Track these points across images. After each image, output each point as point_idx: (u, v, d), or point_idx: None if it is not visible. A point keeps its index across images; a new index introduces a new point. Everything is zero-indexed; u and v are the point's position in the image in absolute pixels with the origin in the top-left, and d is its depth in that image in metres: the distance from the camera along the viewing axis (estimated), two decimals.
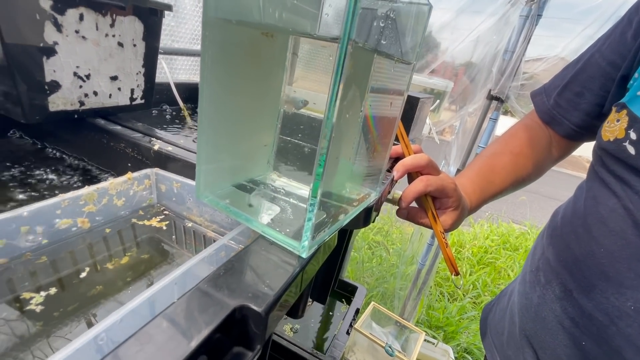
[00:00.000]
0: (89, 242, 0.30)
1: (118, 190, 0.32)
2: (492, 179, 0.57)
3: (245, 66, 0.24)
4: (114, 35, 0.39)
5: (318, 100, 0.27)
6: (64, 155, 0.43)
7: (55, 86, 0.36)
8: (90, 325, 0.23)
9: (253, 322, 0.17)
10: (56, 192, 0.36)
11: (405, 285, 1.85)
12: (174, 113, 0.61)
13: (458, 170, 1.32)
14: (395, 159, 0.48)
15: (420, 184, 0.45)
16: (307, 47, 0.26)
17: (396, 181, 0.47)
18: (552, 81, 0.54)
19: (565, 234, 0.47)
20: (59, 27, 0.34)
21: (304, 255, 0.22)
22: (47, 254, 0.27)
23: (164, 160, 0.37)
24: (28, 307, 0.23)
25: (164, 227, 0.34)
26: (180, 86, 0.65)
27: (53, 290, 0.25)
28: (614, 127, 0.39)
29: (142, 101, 0.47)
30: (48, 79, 0.35)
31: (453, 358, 1.74)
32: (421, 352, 1.84)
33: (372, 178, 0.34)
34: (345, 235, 0.38)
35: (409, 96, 0.62)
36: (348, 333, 1.15)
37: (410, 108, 0.61)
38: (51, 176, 0.39)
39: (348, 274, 2.11)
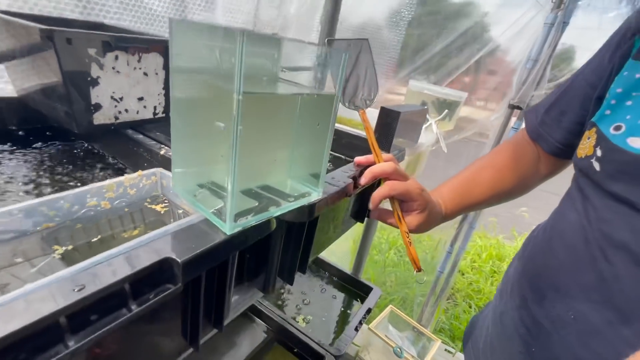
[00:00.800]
0: (109, 218, 0.43)
1: (131, 183, 0.45)
2: (472, 189, 0.61)
3: (197, 97, 0.35)
4: (140, 68, 0.53)
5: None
6: (105, 155, 0.58)
7: (98, 107, 0.51)
8: None
9: (177, 267, 0.28)
10: (95, 180, 0.51)
11: (426, 292, 1.85)
12: None
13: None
14: (367, 166, 0.56)
15: (385, 188, 0.53)
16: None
17: (363, 185, 0.55)
18: (543, 100, 0.57)
19: (533, 246, 0.51)
20: (100, 66, 0.48)
21: (228, 232, 0.32)
22: (80, 222, 0.41)
23: (167, 162, 0.49)
24: (62, 251, 0.36)
25: (163, 212, 0.46)
26: None
27: (79, 246, 0.38)
28: (585, 144, 0.43)
29: (163, 115, 0.61)
30: (93, 102, 0.50)
31: None
32: None
33: (314, 180, 0.43)
34: (302, 226, 0.47)
35: (389, 110, 0.69)
36: (356, 329, 1.21)
37: (391, 121, 0.68)
38: (95, 170, 0.54)
39: (370, 277, 2.15)
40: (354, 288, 1.43)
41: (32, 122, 0.62)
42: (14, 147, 0.55)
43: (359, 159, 0.56)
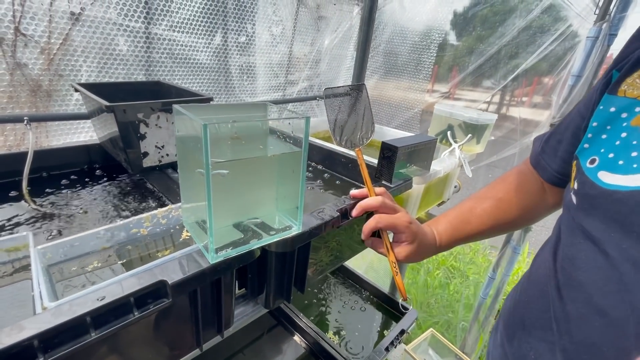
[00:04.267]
0: (146, 242, 0.57)
1: (162, 214, 0.59)
2: (470, 221, 0.62)
3: (190, 159, 0.46)
4: None
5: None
6: (153, 188, 0.75)
7: (146, 154, 0.67)
8: None
9: (168, 287, 0.39)
10: (144, 207, 0.66)
11: (469, 317, 1.75)
12: None
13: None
14: (361, 199, 0.62)
15: (372, 221, 0.58)
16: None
17: (354, 217, 0.61)
18: (549, 130, 0.58)
19: (519, 282, 0.52)
20: (147, 124, 0.64)
21: (210, 261, 0.42)
22: (126, 245, 0.55)
23: None
24: (115, 264, 0.51)
25: (188, 237, 0.60)
26: None
27: (125, 262, 0.52)
28: (572, 176, 0.43)
29: None
30: (142, 151, 0.66)
31: None
32: None
33: (294, 215, 0.51)
34: (292, 254, 0.56)
35: (388, 144, 0.74)
36: (387, 350, 1.23)
37: (391, 155, 0.73)
38: (144, 202, 0.70)
39: (413, 296, 2.10)
40: (390, 308, 1.44)
41: (109, 161, 0.82)
42: (95, 180, 0.75)
43: (353, 192, 0.63)
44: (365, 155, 0.78)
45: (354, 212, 0.60)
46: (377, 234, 0.60)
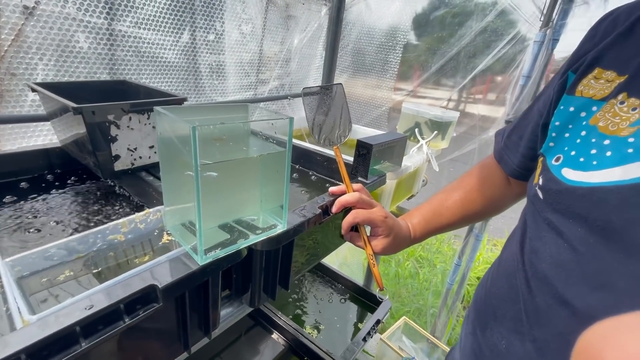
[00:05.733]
0: (124, 248, 0.55)
1: (141, 219, 0.57)
2: (442, 212, 0.65)
3: (173, 160, 0.46)
4: (149, 123, 0.66)
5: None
6: (125, 192, 0.72)
7: (117, 157, 0.64)
8: None
9: (159, 291, 0.38)
10: (120, 213, 0.64)
11: (438, 303, 1.85)
12: None
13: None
14: (340, 195, 0.64)
15: (350, 217, 0.60)
16: None
17: (334, 213, 0.63)
18: (510, 124, 0.60)
19: (488, 273, 0.53)
20: (118, 126, 0.62)
21: (199, 263, 0.42)
22: (102, 253, 0.53)
23: None
24: (90, 273, 0.49)
25: (168, 241, 0.58)
26: None
27: (102, 270, 0.50)
28: (537, 172, 0.44)
29: None
30: (114, 154, 0.63)
31: None
32: None
33: (279, 212, 0.52)
34: (277, 252, 0.57)
35: (363, 142, 0.77)
36: (364, 340, 1.26)
37: (366, 152, 0.76)
38: (117, 205, 0.67)
39: (387, 287, 2.18)
40: (366, 300, 1.49)
41: (72, 165, 0.77)
42: (60, 186, 0.71)
43: (332, 189, 0.65)
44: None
45: (334, 209, 0.62)
46: (355, 228, 0.63)
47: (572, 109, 0.40)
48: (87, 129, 0.57)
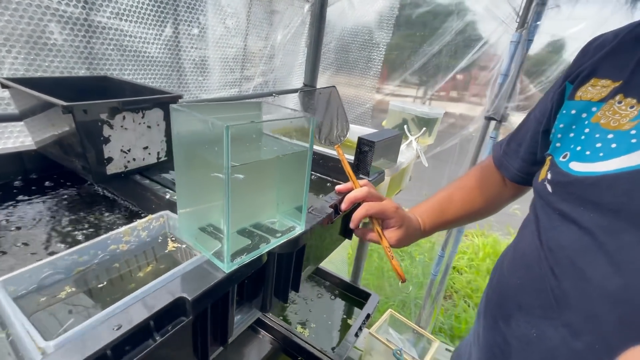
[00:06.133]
0: (126, 259, 0.51)
1: (143, 226, 0.53)
2: (447, 209, 0.66)
3: (193, 162, 0.43)
4: (144, 122, 0.62)
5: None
6: (116, 198, 0.66)
7: (110, 159, 0.59)
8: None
9: (187, 304, 0.36)
10: (113, 221, 0.59)
11: (423, 294, 1.92)
12: None
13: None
14: (347, 193, 0.63)
15: (362, 209, 0.59)
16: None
17: (344, 211, 0.62)
18: (508, 135, 0.65)
19: (502, 267, 0.54)
20: (111, 126, 0.57)
21: (226, 270, 0.40)
22: (104, 265, 0.49)
23: (173, 205, 0.57)
24: (93, 287, 0.44)
25: (174, 249, 0.54)
26: None
27: (106, 284, 0.46)
28: (543, 170, 0.48)
29: (166, 158, 0.69)
30: (106, 156, 0.58)
31: None
32: None
33: (296, 214, 0.51)
34: (292, 254, 0.55)
35: (365, 140, 0.77)
36: (356, 335, 1.27)
37: (368, 150, 0.76)
38: (108, 212, 0.62)
39: (369, 282, 2.22)
40: (353, 295, 1.50)
41: (51, 170, 0.70)
42: (40, 193, 0.64)
43: (339, 187, 0.64)
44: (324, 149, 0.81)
45: (344, 205, 0.61)
46: (364, 224, 0.63)
47: (573, 111, 0.45)
48: (78, 129, 0.52)
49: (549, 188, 0.44)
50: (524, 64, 1.22)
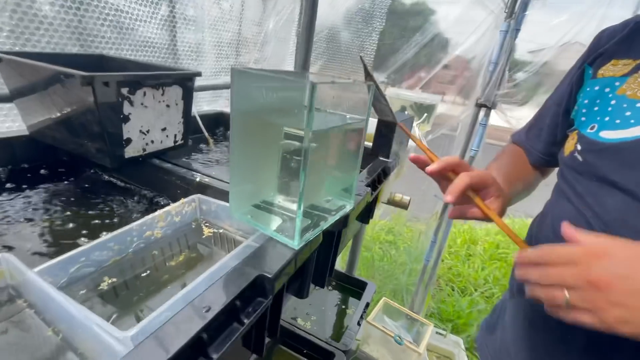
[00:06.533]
0: (162, 247, 0.46)
1: (177, 211, 0.48)
2: (511, 181, 0.61)
3: (255, 131, 0.40)
4: (163, 101, 0.56)
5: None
6: (129, 186, 0.60)
7: (129, 141, 0.53)
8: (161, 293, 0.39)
9: (267, 282, 0.33)
10: (133, 212, 0.53)
11: (414, 280, 1.96)
12: (198, 143, 0.79)
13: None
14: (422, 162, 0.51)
15: (465, 177, 0.46)
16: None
17: (435, 173, 0.49)
18: (525, 125, 0.67)
19: (540, 241, 0.54)
20: (131, 103, 0.51)
21: (296, 247, 0.37)
22: (140, 253, 0.44)
23: (203, 188, 0.53)
24: (133, 277, 0.39)
25: (210, 234, 0.50)
26: (203, 117, 0.82)
27: (146, 273, 0.41)
28: (570, 144, 0.51)
29: (182, 142, 0.64)
30: (125, 137, 0.52)
31: (463, 349, 1.83)
32: (432, 344, 1.93)
33: (346, 194, 0.49)
34: (334, 235, 0.53)
35: (386, 122, 0.76)
36: (359, 324, 1.27)
37: (389, 132, 0.75)
38: (123, 202, 0.56)
39: (360, 272, 2.24)
40: (349, 285, 1.50)
41: (44, 159, 0.62)
42: (40, 183, 0.56)
43: (412, 155, 0.52)
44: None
45: (436, 167, 0.48)
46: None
47: (597, 87, 0.48)
48: (97, 104, 0.46)
49: (580, 158, 0.47)
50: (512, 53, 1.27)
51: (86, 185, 0.60)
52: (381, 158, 0.79)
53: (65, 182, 0.60)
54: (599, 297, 0.32)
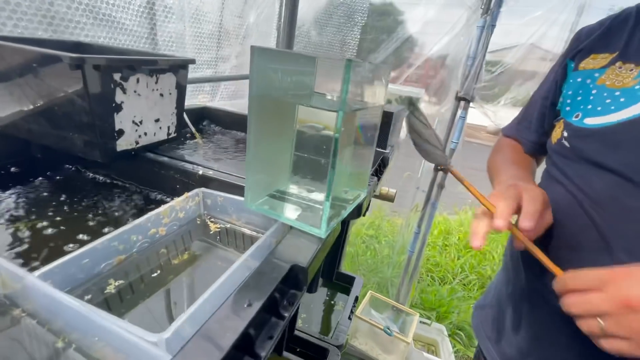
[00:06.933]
0: (167, 245, 0.43)
1: (181, 206, 0.45)
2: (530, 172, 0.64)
3: (274, 116, 0.38)
4: (157, 89, 0.52)
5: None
6: (118, 183, 0.55)
7: (121, 133, 0.48)
8: (169, 291, 0.36)
9: (301, 273, 0.31)
10: (127, 212, 0.49)
11: (398, 272, 2.00)
12: (187, 136, 0.74)
13: (436, 166, 1.47)
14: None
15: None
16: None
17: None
18: (514, 119, 0.70)
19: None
20: (124, 90, 0.46)
21: (323, 236, 0.35)
22: (144, 253, 0.40)
23: (207, 181, 0.49)
24: (140, 276, 0.36)
25: (218, 229, 0.47)
26: (187, 112, 0.77)
27: (157, 273, 0.38)
28: (557, 132, 0.54)
29: (175, 134, 0.60)
30: (117, 128, 0.48)
31: (446, 335, 1.89)
32: (417, 333, 1.98)
33: (362, 182, 0.48)
34: (344, 226, 0.52)
35: (384, 112, 0.76)
36: (349, 318, 1.26)
37: (387, 121, 0.75)
38: (119, 199, 0.51)
39: (345, 267, 2.24)
40: (337, 281, 1.49)
41: (14, 156, 0.55)
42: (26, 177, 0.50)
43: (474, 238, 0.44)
44: None
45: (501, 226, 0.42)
46: None
47: (579, 79, 0.52)
48: (88, 91, 0.41)
49: (567, 144, 0.50)
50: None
51: (69, 184, 0.54)
52: (378, 149, 0.79)
53: (43, 180, 0.54)
54: (635, 319, 0.30)
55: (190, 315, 0.25)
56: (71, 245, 0.41)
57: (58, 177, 0.55)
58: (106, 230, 0.44)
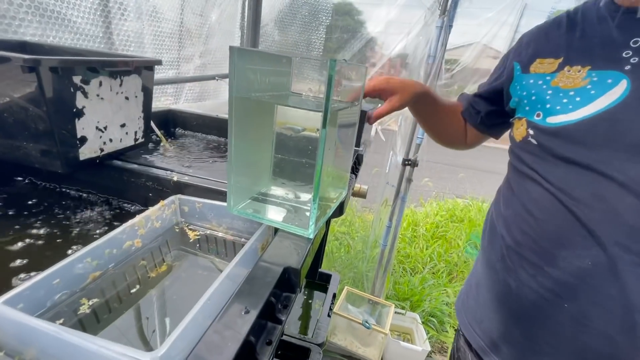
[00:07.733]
0: (144, 257, 0.40)
1: (157, 215, 0.42)
2: (438, 104, 0.70)
3: (255, 117, 0.37)
4: (122, 92, 0.49)
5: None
6: (82, 194, 0.51)
7: (83, 140, 0.45)
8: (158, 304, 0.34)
9: (293, 275, 0.30)
10: (95, 226, 0.45)
11: (372, 266, 2.05)
12: (154, 140, 0.70)
13: (404, 161, 1.52)
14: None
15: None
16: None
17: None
18: (472, 93, 0.73)
19: (515, 221, 0.57)
20: (85, 94, 0.43)
21: (311, 237, 0.35)
22: (121, 267, 0.37)
23: (182, 188, 0.47)
24: (116, 293, 0.34)
25: (197, 237, 0.45)
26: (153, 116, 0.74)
27: (135, 288, 0.35)
28: (519, 130, 0.55)
29: (142, 140, 0.56)
30: (79, 135, 0.44)
31: (420, 322, 1.96)
32: (393, 323, 2.04)
33: (343, 180, 0.48)
34: (327, 226, 0.52)
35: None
36: (329, 315, 1.26)
37: (359, 121, 0.77)
38: (84, 212, 0.47)
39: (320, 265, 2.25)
40: (312, 278, 1.49)
41: None
42: None
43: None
44: None
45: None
46: None
47: (531, 81, 0.55)
48: (44, 95, 0.38)
49: (534, 142, 0.53)
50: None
51: (21, 199, 0.49)
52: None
53: (21, 188, 0.48)
54: None
55: (183, 330, 0.24)
56: (24, 274, 0.37)
57: (7, 191, 0.50)
58: (75, 248, 0.41)
